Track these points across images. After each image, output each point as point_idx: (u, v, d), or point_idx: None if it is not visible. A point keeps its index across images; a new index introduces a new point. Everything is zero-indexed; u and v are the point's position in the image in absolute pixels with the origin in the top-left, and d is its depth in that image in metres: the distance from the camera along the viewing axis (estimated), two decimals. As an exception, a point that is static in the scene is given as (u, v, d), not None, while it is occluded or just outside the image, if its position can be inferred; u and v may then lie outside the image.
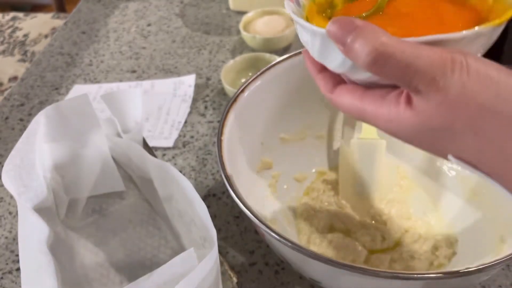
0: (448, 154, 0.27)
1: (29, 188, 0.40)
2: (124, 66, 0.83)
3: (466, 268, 0.33)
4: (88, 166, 0.46)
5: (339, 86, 0.31)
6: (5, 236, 0.56)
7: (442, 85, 0.24)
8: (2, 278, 0.52)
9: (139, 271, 0.45)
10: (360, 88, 0.30)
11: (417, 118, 0.26)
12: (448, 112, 0.25)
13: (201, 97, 0.74)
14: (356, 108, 0.30)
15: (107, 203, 0.49)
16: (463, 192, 0.52)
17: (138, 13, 0.98)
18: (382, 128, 0.29)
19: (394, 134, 0.29)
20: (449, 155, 0.27)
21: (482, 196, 0.50)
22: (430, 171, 0.55)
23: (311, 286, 0.48)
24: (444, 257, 0.47)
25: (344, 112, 0.32)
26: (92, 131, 0.46)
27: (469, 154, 0.26)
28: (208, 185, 0.60)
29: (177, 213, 0.42)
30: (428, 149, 0.28)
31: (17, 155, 0.42)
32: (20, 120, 0.74)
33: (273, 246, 0.42)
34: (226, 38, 0.87)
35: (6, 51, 1.25)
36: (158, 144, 0.66)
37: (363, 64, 0.26)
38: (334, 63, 0.30)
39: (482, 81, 0.25)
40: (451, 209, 0.52)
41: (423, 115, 0.26)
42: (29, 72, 0.84)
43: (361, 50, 0.26)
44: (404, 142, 0.29)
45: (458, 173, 0.53)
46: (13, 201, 0.60)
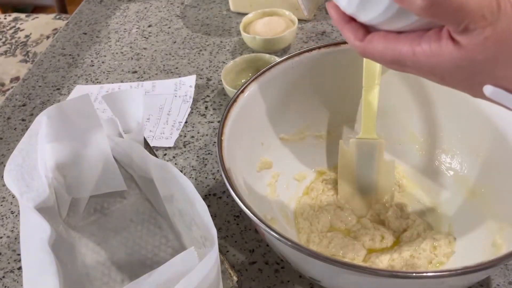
0: (486, 85, 0.29)
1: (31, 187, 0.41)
2: (125, 67, 0.83)
3: (464, 267, 0.34)
4: (89, 166, 0.46)
5: (370, 34, 0.33)
6: (7, 235, 0.57)
7: (489, 21, 0.27)
8: (4, 277, 0.52)
9: (140, 270, 0.45)
10: (392, 33, 0.32)
11: (461, 52, 0.28)
12: (494, 45, 0.27)
13: (201, 97, 0.74)
14: (391, 51, 0.31)
15: (108, 202, 0.49)
16: (461, 191, 0.52)
17: (139, 14, 0.98)
18: (421, 63, 0.30)
19: (433, 69, 0.30)
20: (486, 86, 0.28)
21: (480, 195, 0.50)
22: (429, 171, 0.55)
23: (310, 285, 0.48)
24: (442, 256, 0.47)
25: (377, 59, 0.33)
26: (94, 131, 0.46)
27: (509, 82, 0.28)
28: (208, 184, 0.60)
29: (178, 213, 0.43)
30: (465, 82, 0.30)
31: (19, 155, 0.42)
32: (22, 120, 0.74)
33: (273, 245, 0.42)
34: (226, 39, 0.87)
35: (8, 52, 1.26)
36: (159, 144, 0.67)
37: (418, 8, 0.27)
38: (373, 13, 0.31)
39: None
40: (450, 208, 0.52)
41: (468, 49, 0.28)
42: (31, 73, 0.84)
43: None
44: (439, 80, 0.30)
45: (456, 173, 0.54)
46: (15, 200, 0.61)
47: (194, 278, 0.32)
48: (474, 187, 0.51)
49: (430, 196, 0.54)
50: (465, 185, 0.52)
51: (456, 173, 0.54)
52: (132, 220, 0.49)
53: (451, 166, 0.54)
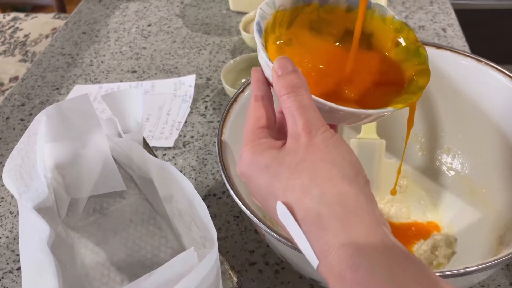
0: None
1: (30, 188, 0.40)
2: (125, 66, 0.83)
3: (465, 268, 0.34)
4: (88, 166, 0.46)
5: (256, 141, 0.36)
6: (6, 236, 0.56)
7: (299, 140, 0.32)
8: (3, 277, 0.52)
9: (140, 271, 0.45)
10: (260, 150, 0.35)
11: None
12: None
13: (201, 97, 0.74)
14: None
15: (107, 202, 0.49)
16: (462, 192, 0.52)
17: (138, 13, 0.98)
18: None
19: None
20: (278, 202, 0.31)
21: (481, 196, 0.50)
22: (430, 171, 0.55)
23: (310, 285, 0.48)
24: (443, 256, 0.47)
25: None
26: (93, 131, 0.46)
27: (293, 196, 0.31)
28: (208, 185, 0.60)
29: (178, 213, 0.43)
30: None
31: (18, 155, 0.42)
32: (21, 120, 0.74)
33: (273, 245, 0.42)
34: (226, 38, 0.87)
35: (7, 51, 1.26)
36: (159, 144, 0.66)
37: (278, 94, 0.33)
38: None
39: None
40: (451, 209, 0.52)
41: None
42: (29, 72, 0.84)
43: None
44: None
45: (457, 173, 0.53)
46: (14, 201, 0.61)
47: (194, 279, 0.31)
48: (475, 188, 0.51)
49: (431, 197, 0.54)
50: (466, 185, 0.52)
51: (457, 173, 0.54)
52: (131, 220, 0.48)
53: (452, 166, 0.54)
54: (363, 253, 0.26)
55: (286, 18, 0.40)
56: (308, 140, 0.31)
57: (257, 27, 0.37)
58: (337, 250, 0.27)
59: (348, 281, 0.26)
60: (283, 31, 0.40)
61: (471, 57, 0.50)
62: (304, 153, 0.31)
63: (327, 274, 0.28)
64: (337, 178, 0.29)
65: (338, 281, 0.27)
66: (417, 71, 0.39)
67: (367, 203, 0.29)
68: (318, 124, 0.32)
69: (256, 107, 0.35)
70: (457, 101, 0.52)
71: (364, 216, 0.28)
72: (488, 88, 0.49)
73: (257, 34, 0.37)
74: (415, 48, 0.39)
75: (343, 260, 0.27)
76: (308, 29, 0.41)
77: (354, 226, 0.28)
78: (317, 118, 0.32)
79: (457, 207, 0.51)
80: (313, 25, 0.41)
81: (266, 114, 0.35)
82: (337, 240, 0.27)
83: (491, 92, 0.49)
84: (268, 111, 0.35)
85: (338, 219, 0.28)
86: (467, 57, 0.50)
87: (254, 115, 0.35)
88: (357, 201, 0.29)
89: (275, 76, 0.34)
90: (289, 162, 0.31)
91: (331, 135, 0.31)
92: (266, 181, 0.31)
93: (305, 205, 0.29)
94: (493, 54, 0.84)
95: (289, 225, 0.30)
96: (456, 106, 0.52)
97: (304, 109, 0.32)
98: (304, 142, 0.31)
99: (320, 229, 0.28)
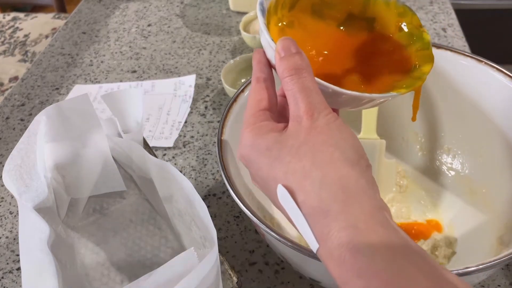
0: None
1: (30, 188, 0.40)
2: (125, 66, 0.83)
3: (465, 268, 0.34)
4: (88, 166, 0.46)
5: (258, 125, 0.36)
6: (6, 236, 0.56)
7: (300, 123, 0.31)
8: (3, 277, 0.52)
9: (140, 271, 0.45)
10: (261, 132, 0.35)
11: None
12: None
13: (201, 97, 0.74)
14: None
15: (107, 202, 0.49)
16: (462, 192, 0.52)
17: (138, 13, 0.98)
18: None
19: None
20: (279, 186, 0.30)
21: (481, 196, 0.50)
22: (430, 171, 0.55)
23: (311, 285, 0.48)
24: (443, 256, 0.47)
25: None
26: (93, 131, 0.46)
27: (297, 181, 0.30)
28: (208, 185, 0.60)
29: (178, 213, 0.43)
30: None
31: (18, 155, 0.42)
32: (21, 120, 0.74)
33: (273, 245, 0.42)
34: (226, 38, 0.87)
35: (6, 51, 1.26)
36: (159, 144, 0.66)
37: (280, 75, 0.33)
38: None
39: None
40: (451, 209, 0.52)
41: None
42: (29, 72, 0.84)
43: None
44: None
45: (457, 173, 0.53)
46: (14, 201, 0.61)
47: (193, 279, 0.31)
48: (475, 188, 0.51)
49: (431, 197, 0.54)
50: (466, 185, 0.52)
51: (457, 173, 0.54)
52: (131, 220, 0.48)
53: (452, 166, 0.54)
54: (364, 237, 0.26)
55: (289, 0, 0.39)
56: (310, 123, 0.30)
57: (260, 7, 0.36)
58: (337, 233, 0.27)
59: (347, 264, 0.26)
60: (285, 13, 0.39)
61: (471, 57, 0.50)
62: (306, 136, 0.30)
63: (326, 257, 0.28)
64: (339, 161, 0.29)
65: (337, 264, 0.27)
66: (421, 56, 0.38)
67: (368, 187, 0.29)
68: (321, 107, 0.31)
69: (258, 89, 0.34)
70: (457, 101, 0.52)
71: (365, 200, 0.28)
72: (488, 88, 0.49)
73: (260, 13, 0.36)
74: (419, 33, 0.39)
75: (343, 243, 0.27)
76: (310, 12, 0.40)
77: (354, 209, 0.28)
78: (320, 101, 0.31)
79: (457, 207, 0.51)
80: (315, 8, 0.40)
81: (268, 96, 0.34)
82: (337, 224, 0.27)
83: (491, 92, 0.49)
84: (270, 94, 0.34)
85: (338, 202, 0.28)
86: (467, 57, 0.50)
87: (256, 97, 0.34)
88: (358, 184, 0.29)
89: (278, 57, 0.33)
90: (291, 145, 0.30)
91: (334, 118, 0.31)
92: (267, 164, 0.31)
93: (306, 188, 0.29)
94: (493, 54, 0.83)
95: (289, 208, 0.30)
96: (456, 106, 0.52)
97: (307, 91, 0.31)
98: (306, 125, 0.31)
99: (320, 212, 0.28)
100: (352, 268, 0.26)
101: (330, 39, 0.40)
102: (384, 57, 0.39)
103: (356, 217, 0.27)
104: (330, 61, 0.38)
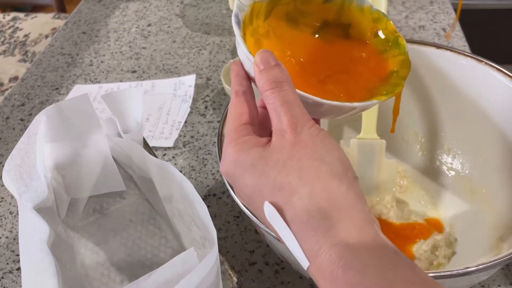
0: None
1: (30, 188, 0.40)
2: (125, 66, 0.83)
3: (465, 268, 0.34)
4: (88, 166, 0.46)
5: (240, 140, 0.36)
6: (5, 236, 0.56)
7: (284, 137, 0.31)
8: (3, 277, 0.52)
9: (140, 271, 0.45)
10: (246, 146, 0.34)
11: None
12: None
13: (201, 97, 0.74)
14: None
15: (107, 202, 0.49)
16: (462, 192, 0.52)
17: (138, 13, 0.98)
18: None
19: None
20: (266, 203, 0.30)
21: (481, 196, 0.50)
22: (430, 171, 0.55)
23: (310, 285, 0.48)
24: (443, 257, 0.47)
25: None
26: (93, 131, 0.46)
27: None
28: (208, 185, 0.60)
29: (178, 213, 0.43)
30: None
31: (17, 155, 0.42)
32: (21, 120, 0.74)
33: (273, 245, 0.42)
34: (226, 38, 0.87)
35: (6, 51, 1.26)
36: (159, 144, 0.66)
37: (260, 89, 0.33)
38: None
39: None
40: (451, 209, 0.52)
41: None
42: (29, 72, 0.84)
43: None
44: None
45: (458, 173, 0.53)
46: (14, 201, 0.61)
47: (193, 279, 0.31)
48: (475, 188, 0.51)
49: (431, 197, 0.54)
50: (466, 185, 0.52)
51: (457, 173, 0.54)
52: (131, 220, 0.48)
53: (452, 166, 0.54)
54: (355, 253, 0.26)
55: (263, 9, 0.39)
56: (294, 137, 0.30)
57: (236, 19, 0.36)
58: (328, 250, 0.27)
59: (339, 281, 0.26)
60: (260, 23, 0.39)
61: (471, 57, 0.50)
62: (290, 151, 0.30)
63: (317, 274, 0.28)
64: (326, 175, 0.29)
65: (329, 281, 0.27)
66: (398, 61, 0.38)
67: (357, 200, 0.29)
68: (304, 119, 0.31)
69: (238, 103, 0.34)
70: (457, 101, 0.52)
71: (354, 214, 0.28)
72: (488, 88, 0.49)
73: (235, 26, 0.36)
74: (394, 38, 0.39)
75: (334, 260, 0.26)
76: (285, 21, 0.40)
77: (344, 225, 0.27)
78: (302, 113, 0.31)
79: (457, 207, 0.51)
80: (290, 16, 0.40)
81: (248, 110, 0.34)
82: (327, 240, 0.27)
83: (491, 92, 0.49)
84: (250, 107, 0.34)
85: (328, 218, 0.27)
86: (467, 57, 0.50)
87: (236, 111, 0.34)
88: (347, 198, 0.28)
89: (257, 70, 0.33)
90: (276, 160, 0.30)
91: (317, 131, 0.31)
92: (252, 180, 0.31)
93: (294, 204, 0.28)
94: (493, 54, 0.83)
95: (278, 225, 0.29)
96: (456, 106, 0.52)
97: (289, 104, 0.31)
98: (290, 139, 0.30)
99: (309, 229, 0.28)
100: (344, 284, 0.26)
101: (307, 47, 0.39)
102: (361, 64, 0.39)
103: (346, 232, 0.27)
104: (308, 70, 0.38)
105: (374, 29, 0.40)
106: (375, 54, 0.39)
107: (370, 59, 0.39)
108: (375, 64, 0.39)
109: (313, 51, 0.39)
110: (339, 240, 0.27)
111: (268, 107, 0.32)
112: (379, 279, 0.25)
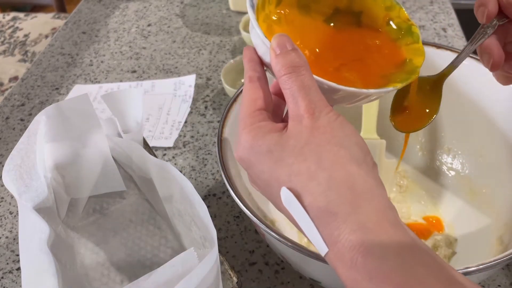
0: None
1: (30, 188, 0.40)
2: (125, 66, 0.83)
3: (465, 268, 0.34)
4: (88, 166, 0.46)
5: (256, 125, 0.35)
6: (5, 236, 0.56)
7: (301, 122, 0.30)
8: (3, 277, 0.52)
9: (140, 271, 0.45)
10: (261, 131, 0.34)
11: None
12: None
13: (201, 97, 0.74)
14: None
15: (107, 202, 0.49)
16: (462, 192, 0.52)
17: (138, 13, 0.98)
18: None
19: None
20: (283, 189, 0.29)
21: (481, 196, 0.50)
22: (430, 171, 0.55)
23: (311, 285, 0.48)
24: (443, 256, 0.47)
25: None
26: (93, 131, 0.46)
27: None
28: (208, 185, 0.60)
29: (177, 213, 0.43)
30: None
31: (17, 155, 0.42)
32: (21, 120, 0.74)
33: (273, 245, 0.42)
34: (226, 38, 0.87)
35: (6, 51, 1.26)
36: (159, 144, 0.66)
37: (277, 74, 0.32)
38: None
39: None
40: (451, 209, 0.52)
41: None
42: (29, 72, 0.84)
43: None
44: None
45: (458, 173, 0.53)
46: (14, 201, 0.61)
47: (193, 279, 0.31)
48: (475, 188, 0.51)
49: (431, 197, 0.54)
50: (466, 185, 0.52)
51: (457, 173, 0.54)
52: (131, 220, 0.48)
53: (452, 167, 0.54)
54: (375, 239, 0.26)
55: None
56: (312, 122, 0.30)
57: (250, 3, 0.35)
58: (348, 236, 0.26)
59: (359, 267, 0.26)
60: (272, 9, 0.38)
61: (471, 57, 0.50)
62: (308, 136, 0.29)
63: (336, 260, 0.27)
64: (345, 160, 0.28)
65: (348, 267, 0.26)
66: (411, 50, 0.38)
67: (377, 186, 0.28)
68: (322, 105, 0.30)
69: (252, 88, 0.33)
70: (457, 101, 0.52)
71: (374, 200, 0.27)
72: (488, 88, 0.49)
73: (250, 9, 0.35)
74: (407, 26, 0.39)
75: (354, 246, 0.26)
76: (297, 7, 0.39)
77: (364, 210, 0.27)
78: (320, 98, 0.30)
79: (457, 207, 0.51)
80: (301, 3, 0.40)
81: (263, 95, 0.33)
82: (347, 226, 0.27)
83: (491, 92, 0.49)
84: (265, 93, 0.33)
85: (347, 203, 0.27)
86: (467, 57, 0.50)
87: (251, 96, 0.33)
88: (366, 184, 0.28)
89: (274, 55, 0.32)
90: (293, 146, 0.29)
91: (335, 117, 0.30)
92: (269, 166, 0.30)
93: (312, 190, 0.28)
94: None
95: (295, 211, 0.29)
96: (456, 106, 0.52)
97: (306, 89, 0.30)
98: (307, 125, 0.30)
99: (328, 215, 0.27)
100: (364, 270, 0.26)
101: (319, 35, 0.39)
102: (375, 51, 0.39)
103: (366, 218, 0.27)
104: (322, 58, 0.37)
105: (387, 17, 0.39)
106: (388, 41, 0.39)
107: (383, 46, 0.39)
108: (389, 51, 0.38)
109: (326, 39, 0.39)
110: (359, 225, 0.26)
111: (284, 92, 0.31)
112: (398, 264, 0.25)
